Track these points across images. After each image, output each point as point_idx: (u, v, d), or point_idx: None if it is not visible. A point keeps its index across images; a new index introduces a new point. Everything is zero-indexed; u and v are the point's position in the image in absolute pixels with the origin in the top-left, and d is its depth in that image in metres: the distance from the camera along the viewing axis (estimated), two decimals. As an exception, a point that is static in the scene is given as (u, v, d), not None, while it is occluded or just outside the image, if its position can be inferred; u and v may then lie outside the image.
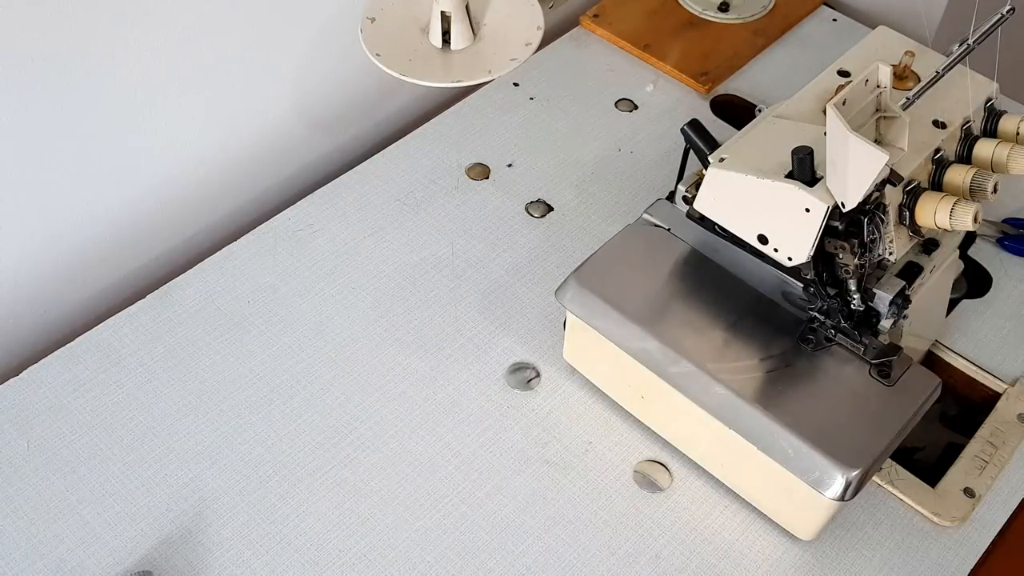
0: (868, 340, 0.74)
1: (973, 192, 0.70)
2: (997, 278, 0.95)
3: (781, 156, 0.68)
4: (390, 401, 0.85)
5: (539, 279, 0.94)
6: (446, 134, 1.05)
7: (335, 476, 0.81)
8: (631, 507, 0.80)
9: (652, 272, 0.80)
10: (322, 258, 0.94)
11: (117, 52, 0.82)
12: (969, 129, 0.74)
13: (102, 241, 0.92)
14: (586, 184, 1.02)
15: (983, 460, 0.82)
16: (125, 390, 0.85)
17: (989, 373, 0.88)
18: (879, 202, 0.68)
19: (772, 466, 0.72)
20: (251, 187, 1.02)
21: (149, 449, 0.81)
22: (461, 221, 0.98)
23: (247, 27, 0.91)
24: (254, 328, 0.89)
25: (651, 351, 0.76)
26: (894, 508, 0.80)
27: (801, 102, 0.75)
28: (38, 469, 0.80)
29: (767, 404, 0.72)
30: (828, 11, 1.20)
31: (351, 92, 1.05)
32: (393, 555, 0.77)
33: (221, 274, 0.93)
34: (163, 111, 0.89)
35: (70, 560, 0.75)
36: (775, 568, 0.77)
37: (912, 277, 0.74)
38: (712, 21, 1.17)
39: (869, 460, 0.70)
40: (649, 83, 1.11)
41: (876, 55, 0.77)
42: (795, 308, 0.77)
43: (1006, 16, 0.70)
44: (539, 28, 0.95)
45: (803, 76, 0.78)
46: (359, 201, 0.99)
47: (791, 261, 0.69)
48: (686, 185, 0.78)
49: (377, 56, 0.92)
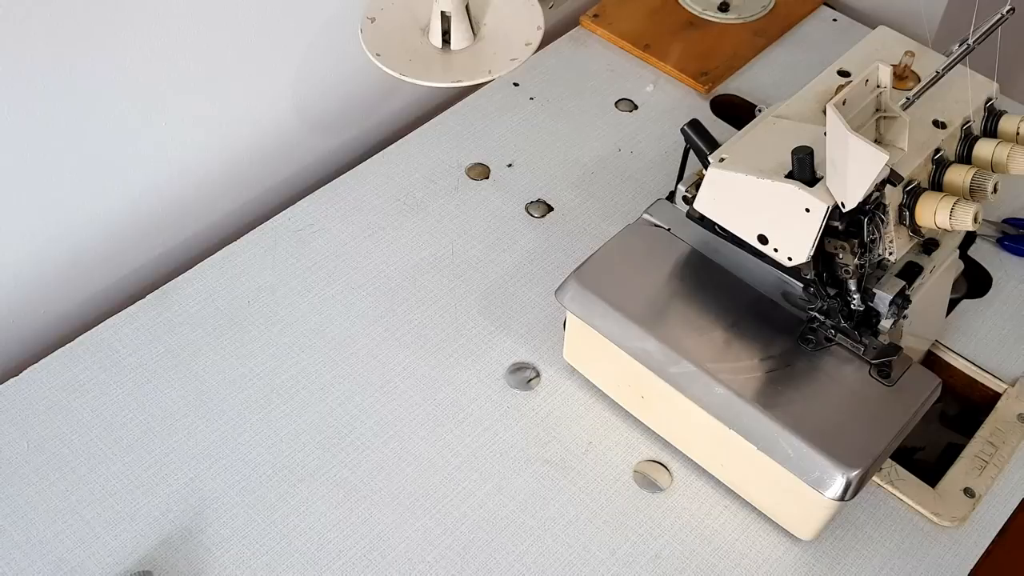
0: (868, 340, 0.74)
1: (973, 192, 0.70)
2: (997, 278, 0.95)
3: (781, 156, 0.68)
4: (390, 401, 0.85)
5: (539, 279, 0.94)
6: (446, 134, 1.05)
7: (335, 476, 0.81)
8: (631, 507, 0.80)
9: (652, 272, 0.80)
10: (322, 258, 0.94)
11: (117, 52, 0.82)
12: (969, 129, 0.74)
13: (102, 241, 0.92)
14: (586, 184, 1.02)
15: (983, 460, 0.82)
16: (125, 390, 0.85)
17: (989, 373, 0.88)
18: (879, 202, 0.68)
19: (772, 466, 0.72)
20: (251, 187, 1.02)
21: (149, 449, 0.81)
22: (461, 221, 0.98)
23: (247, 27, 0.91)
24: (254, 328, 0.89)
25: (651, 351, 0.76)
26: (894, 508, 0.80)
27: (801, 102, 0.75)
28: (38, 469, 0.80)
29: (767, 404, 0.72)
30: (828, 11, 1.20)
31: (351, 92, 1.05)
32: (393, 555, 0.77)
33: (221, 274, 0.93)
34: (163, 111, 0.89)
35: (70, 560, 0.75)
36: (775, 568, 0.77)
37: (912, 277, 0.74)
38: (712, 21, 1.17)
39: (869, 460, 0.70)
40: (649, 83, 1.11)
41: (876, 55, 0.77)
42: (795, 308, 0.77)
43: (1006, 16, 0.70)
44: (539, 28, 0.95)
45: (803, 76, 0.78)
46: (359, 201, 0.99)
47: (791, 261, 0.69)
48: (686, 185, 0.78)
49: (377, 56, 0.92)
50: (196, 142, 0.94)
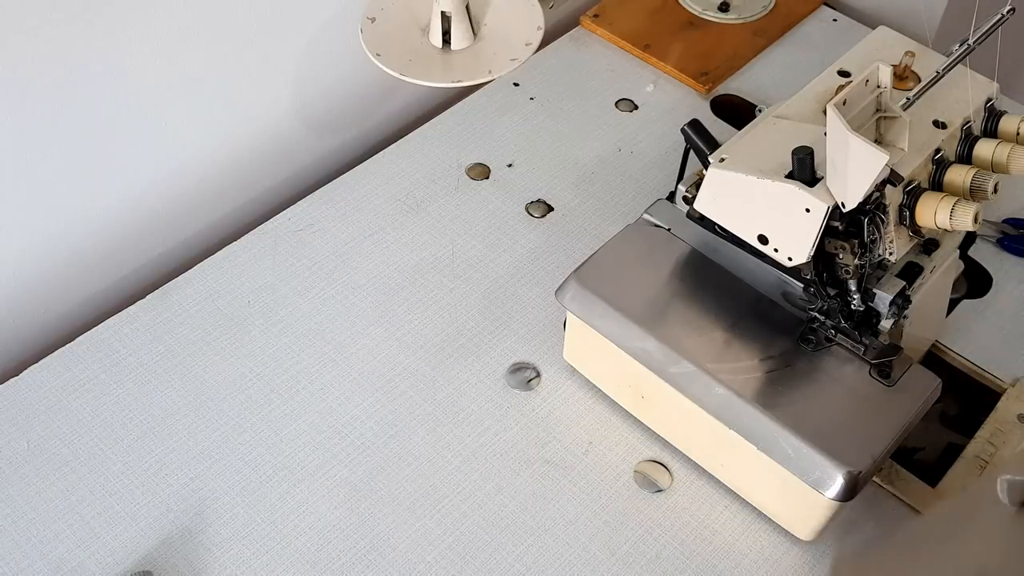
0: (868, 340, 0.74)
1: (973, 192, 0.70)
2: (997, 278, 0.95)
3: (781, 156, 0.68)
4: (390, 401, 0.85)
5: (539, 279, 0.94)
6: (446, 134, 1.05)
7: (335, 476, 0.81)
8: (631, 507, 0.80)
9: (652, 272, 0.80)
10: (322, 258, 0.94)
11: (117, 52, 0.82)
12: (969, 129, 0.74)
13: (102, 241, 0.92)
14: (586, 184, 1.02)
15: (983, 460, 0.82)
16: (125, 390, 0.85)
17: (989, 373, 0.88)
18: (879, 202, 0.68)
19: (772, 466, 0.72)
20: (251, 187, 1.02)
21: (149, 449, 0.81)
22: (461, 221, 0.98)
23: (247, 27, 0.91)
24: (254, 328, 0.89)
25: (651, 351, 0.76)
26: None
27: (801, 102, 0.75)
28: (38, 469, 0.80)
29: (767, 404, 0.72)
30: (828, 11, 1.20)
31: (351, 92, 1.05)
32: (393, 555, 0.77)
33: (221, 274, 0.93)
34: (163, 111, 0.89)
35: (70, 560, 0.75)
36: (775, 568, 0.77)
37: (912, 277, 0.74)
38: (712, 21, 1.17)
39: (869, 460, 0.70)
40: (649, 83, 1.11)
41: (876, 55, 0.77)
42: (795, 308, 0.77)
43: (1006, 16, 0.70)
44: (539, 28, 0.95)
45: (803, 76, 0.79)
46: (359, 201, 0.99)
47: (791, 261, 0.69)
48: (686, 185, 0.78)
49: (377, 56, 0.92)
50: (196, 142, 0.94)
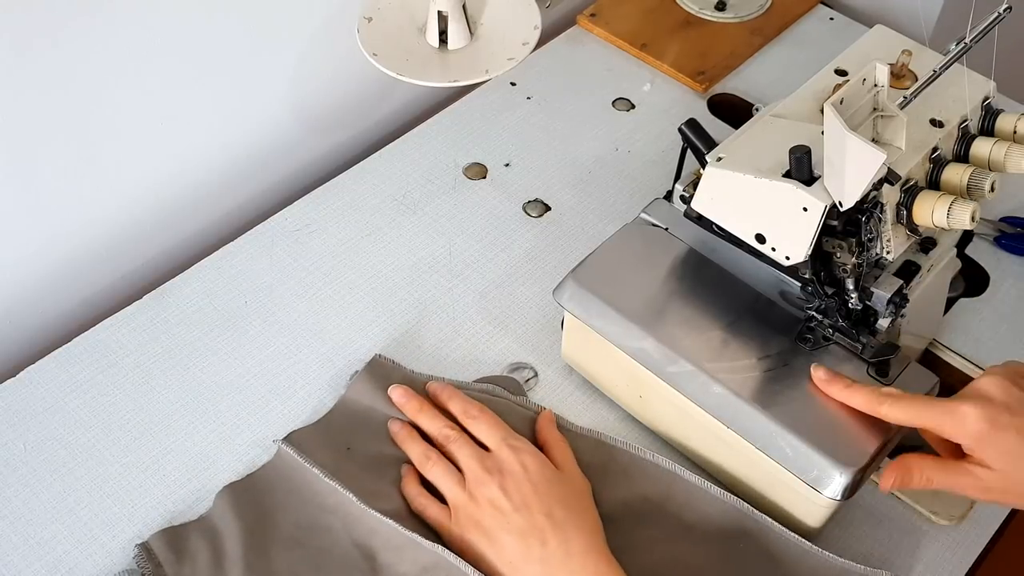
0: (866, 339, 0.74)
1: (970, 191, 0.70)
2: (994, 277, 0.95)
3: (779, 155, 0.68)
4: (388, 401, 0.85)
5: (537, 279, 0.94)
6: (443, 134, 1.05)
7: (333, 476, 0.80)
8: (629, 507, 0.80)
9: (650, 271, 0.80)
10: (319, 258, 0.94)
11: (114, 52, 0.82)
12: (966, 128, 0.74)
13: (99, 242, 0.92)
14: (583, 183, 1.01)
15: (981, 459, 0.82)
16: (122, 391, 0.85)
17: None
18: (876, 201, 0.68)
19: (770, 465, 0.72)
20: (248, 187, 1.02)
21: (147, 450, 0.81)
22: (458, 221, 0.98)
23: (244, 26, 0.91)
24: (251, 328, 0.89)
25: (649, 351, 0.76)
26: (892, 507, 0.80)
27: (798, 101, 0.75)
28: (35, 470, 0.80)
29: (765, 403, 0.72)
30: (825, 10, 1.20)
31: (348, 92, 1.05)
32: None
33: (218, 274, 0.93)
34: (160, 111, 0.89)
35: (67, 561, 0.75)
36: (773, 567, 0.77)
37: (910, 276, 0.74)
38: (709, 20, 1.17)
39: (867, 459, 0.70)
40: (646, 82, 1.11)
41: (873, 54, 0.76)
42: (793, 307, 0.77)
43: (1003, 15, 0.70)
44: (536, 27, 0.95)
45: (800, 75, 0.78)
46: (356, 201, 0.99)
47: (789, 260, 0.69)
48: (684, 184, 0.78)
49: (374, 56, 0.92)
50: (193, 142, 0.94)
